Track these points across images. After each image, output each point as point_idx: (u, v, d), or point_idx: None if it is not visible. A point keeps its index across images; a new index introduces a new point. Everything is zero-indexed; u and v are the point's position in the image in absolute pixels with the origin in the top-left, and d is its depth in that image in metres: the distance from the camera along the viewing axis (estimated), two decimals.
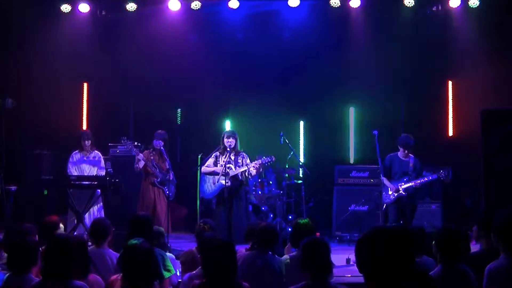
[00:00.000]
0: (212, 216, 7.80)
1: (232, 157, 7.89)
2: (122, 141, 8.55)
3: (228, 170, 7.70)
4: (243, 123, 10.52)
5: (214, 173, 7.94)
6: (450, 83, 10.51)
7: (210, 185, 8.03)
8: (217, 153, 8.01)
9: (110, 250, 4.89)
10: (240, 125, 10.45)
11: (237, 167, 7.85)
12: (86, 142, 8.44)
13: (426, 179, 7.72)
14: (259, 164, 7.85)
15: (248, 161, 7.92)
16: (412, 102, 10.49)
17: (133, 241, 3.54)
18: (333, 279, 3.68)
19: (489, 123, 6.98)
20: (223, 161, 7.78)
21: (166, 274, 4.66)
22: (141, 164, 8.15)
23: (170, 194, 8.12)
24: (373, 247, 2.27)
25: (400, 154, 7.93)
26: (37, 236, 4.97)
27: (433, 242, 4.04)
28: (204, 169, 8.09)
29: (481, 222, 4.49)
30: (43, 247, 3.96)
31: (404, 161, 7.88)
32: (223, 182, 7.69)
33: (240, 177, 7.91)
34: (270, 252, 4.76)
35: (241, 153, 7.96)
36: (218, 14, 10.39)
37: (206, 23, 10.44)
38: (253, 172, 7.88)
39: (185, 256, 5.27)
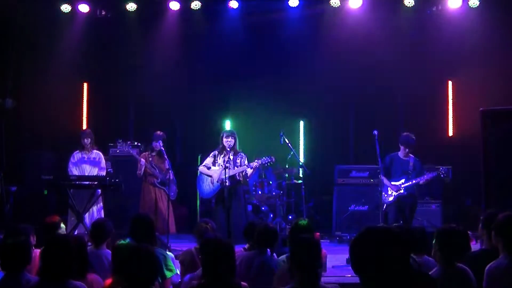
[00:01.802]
0: (212, 216, 7.80)
1: (231, 157, 7.89)
2: (118, 144, 8.54)
3: (226, 169, 7.70)
4: (243, 123, 10.53)
5: (210, 176, 7.95)
6: (450, 83, 10.50)
7: (208, 185, 8.03)
8: (216, 152, 8.02)
9: (108, 250, 4.88)
10: (240, 125, 10.45)
11: (235, 167, 7.85)
12: (86, 140, 8.38)
13: (426, 177, 7.69)
14: (258, 164, 7.85)
15: (246, 161, 7.92)
16: (412, 102, 10.49)
17: (123, 242, 3.51)
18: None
19: (489, 123, 6.98)
20: (222, 161, 7.78)
21: (168, 274, 4.64)
22: (143, 168, 8.16)
23: (172, 193, 8.12)
24: (365, 248, 2.26)
25: (401, 153, 7.91)
26: (34, 236, 4.97)
27: (433, 241, 4.03)
28: (202, 169, 8.09)
29: (483, 221, 4.46)
30: (43, 247, 3.96)
31: (405, 161, 7.86)
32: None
33: (237, 177, 7.91)
34: (269, 252, 4.76)
35: (239, 153, 7.96)
36: (218, 14, 10.40)
37: (206, 23, 10.44)
38: (249, 172, 7.88)
39: (183, 256, 5.22)
